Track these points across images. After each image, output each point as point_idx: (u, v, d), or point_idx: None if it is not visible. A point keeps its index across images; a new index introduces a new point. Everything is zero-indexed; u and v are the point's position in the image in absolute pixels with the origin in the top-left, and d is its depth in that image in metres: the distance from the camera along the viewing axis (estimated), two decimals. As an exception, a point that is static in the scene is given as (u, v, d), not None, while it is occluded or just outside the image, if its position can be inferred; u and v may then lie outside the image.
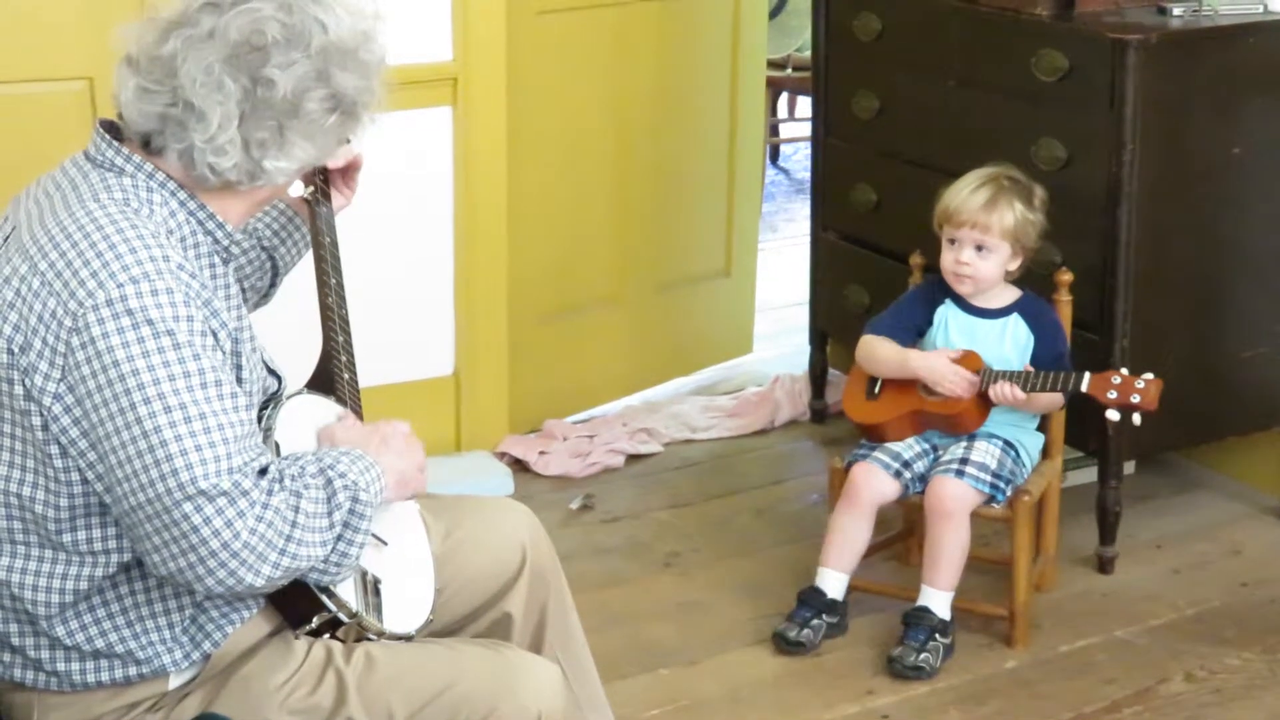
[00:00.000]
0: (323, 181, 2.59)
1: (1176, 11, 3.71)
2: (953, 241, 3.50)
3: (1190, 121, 3.67)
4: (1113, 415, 3.37)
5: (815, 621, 3.47)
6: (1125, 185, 3.59)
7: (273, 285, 2.66)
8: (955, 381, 3.44)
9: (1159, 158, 3.62)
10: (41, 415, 2.10)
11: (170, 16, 2.18)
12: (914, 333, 3.58)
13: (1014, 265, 3.51)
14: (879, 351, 3.56)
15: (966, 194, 3.48)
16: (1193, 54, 3.66)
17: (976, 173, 3.53)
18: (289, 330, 2.73)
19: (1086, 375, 3.37)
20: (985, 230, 3.46)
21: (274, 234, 2.64)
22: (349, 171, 2.65)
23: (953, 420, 3.49)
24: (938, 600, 3.44)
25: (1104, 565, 3.83)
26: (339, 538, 2.14)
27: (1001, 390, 3.40)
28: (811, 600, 3.49)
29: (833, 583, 3.50)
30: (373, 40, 2.24)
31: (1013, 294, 3.55)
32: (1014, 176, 3.52)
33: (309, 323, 2.61)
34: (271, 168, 2.21)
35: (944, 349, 3.51)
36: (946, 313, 3.56)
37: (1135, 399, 3.33)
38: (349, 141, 2.33)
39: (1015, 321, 3.52)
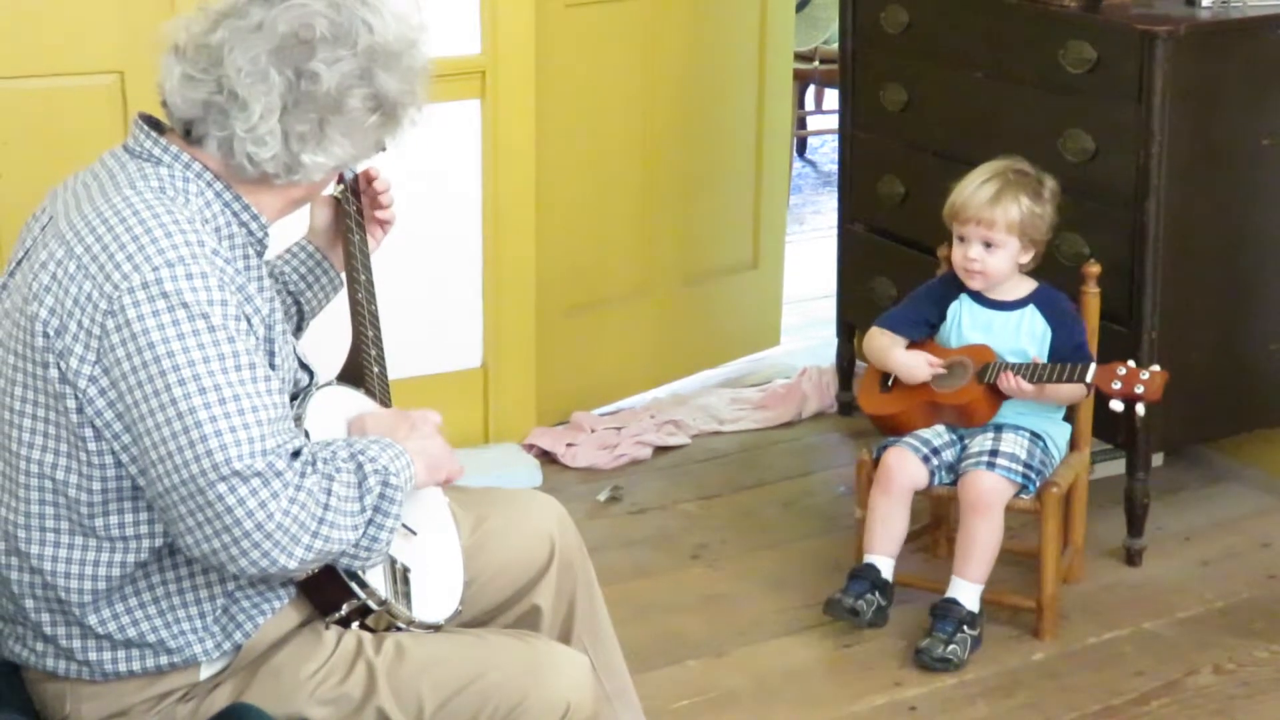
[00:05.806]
0: (357, 211, 2.61)
1: (1205, 3, 3.70)
2: (962, 238, 3.51)
3: (1219, 113, 3.66)
4: (1116, 406, 3.36)
5: (869, 595, 3.45)
6: (1153, 177, 3.59)
7: (299, 329, 2.67)
8: (920, 369, 3.49)
9: (1187, 149, 3.61)
10: (76, 398, 2.12)
11: (220, 8, 2.23)
12: (924, 327, 3.59)
13: (1025, 258, 3.51)
14: (874, 343, 3.61)
15: (972, 190, 3.48)
16: (1221, 45, 3.65)
17: (985, 167, 3.53)
18: (319, 325, 2.75)
19: (1092, 366, 3.37)
20: (990, 226, 3.46)
21: (300, 278, 2.66)
22: (378, 195, 2.66)
23: (963, 411, 3.49)
24: (967, 592, 3.44)
25: (1132, 557, 3.82)
26: (369, 522, 2.15)
27: (1008, 381, 3.41)
28: (865, 574, 3.47)
29: (882, 564, 3.50)
30: (417, 48, 2.28)
31: (1029, 286, 3.55)
32: (1022, 169, 3.51)
33: (339, 318, 2.62)
34: (309, 162, 2.23)
35: (923, 353, 3.54)
36: (962, 306, 3.56)
37: (1139, 389, 3.32)
38: (384, 149, 2.35)
39: (1031, 313, 3.51)
